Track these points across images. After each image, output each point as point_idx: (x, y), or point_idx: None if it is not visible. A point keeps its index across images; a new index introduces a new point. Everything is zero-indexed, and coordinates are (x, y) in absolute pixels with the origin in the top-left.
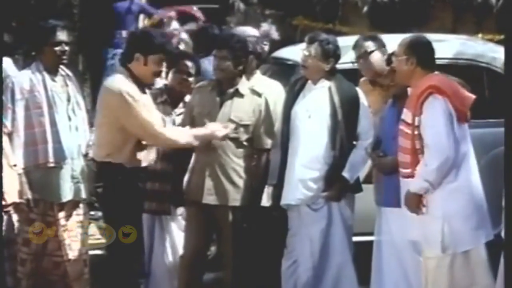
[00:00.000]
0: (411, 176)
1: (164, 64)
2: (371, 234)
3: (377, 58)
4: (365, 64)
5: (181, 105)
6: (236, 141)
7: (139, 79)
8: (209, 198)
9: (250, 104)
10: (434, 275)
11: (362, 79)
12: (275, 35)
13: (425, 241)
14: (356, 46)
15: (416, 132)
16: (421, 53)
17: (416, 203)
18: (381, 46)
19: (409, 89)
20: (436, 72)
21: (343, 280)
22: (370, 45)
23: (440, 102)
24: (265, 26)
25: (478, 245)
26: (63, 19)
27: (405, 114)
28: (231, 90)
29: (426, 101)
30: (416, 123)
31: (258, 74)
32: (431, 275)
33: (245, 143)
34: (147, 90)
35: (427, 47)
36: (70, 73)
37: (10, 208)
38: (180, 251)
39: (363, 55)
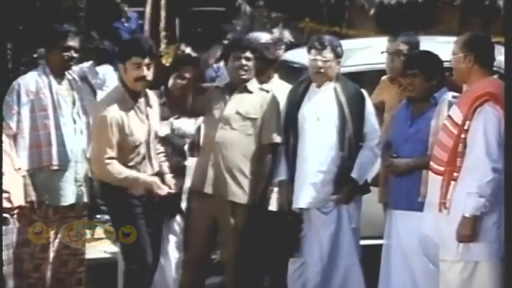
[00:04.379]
0: (442, 174)
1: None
2: (379, 237)
3: None
4: (393, 62)
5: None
6: (242, 135)
7: (130, 88)
8: (211, 188)
9: (258, 99)
10: (445, 277)
11: (384, 77)
12: (287, 38)
13: (441, 243)
14: (393, 41)
15: (462, 136)
16: (480, 51)
17: (471, 228)
18: (416, 48)
19: (464, 86)
20: (495, 76)
21: (350, 283)
22: (406, 47)
23: (495, 112)
24: (276, 32)
25: (491, 259)
26: (69, 22)
27: (455, 114)
28: (240, 87)
29: (480, 107)
30: (465, 127)
31: (276, 79)
32: (442, 276)
33: (251, 137)
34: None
35: (487, 45)
36: (76, 77)
37: (15, 212)
38: (176, 255)
39: (396, 52)
